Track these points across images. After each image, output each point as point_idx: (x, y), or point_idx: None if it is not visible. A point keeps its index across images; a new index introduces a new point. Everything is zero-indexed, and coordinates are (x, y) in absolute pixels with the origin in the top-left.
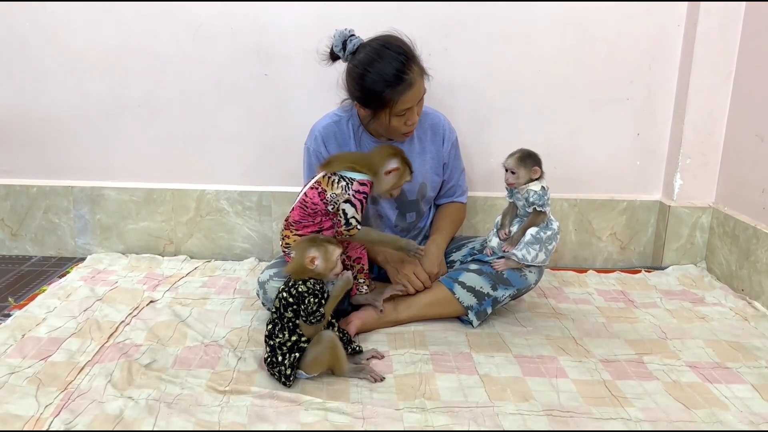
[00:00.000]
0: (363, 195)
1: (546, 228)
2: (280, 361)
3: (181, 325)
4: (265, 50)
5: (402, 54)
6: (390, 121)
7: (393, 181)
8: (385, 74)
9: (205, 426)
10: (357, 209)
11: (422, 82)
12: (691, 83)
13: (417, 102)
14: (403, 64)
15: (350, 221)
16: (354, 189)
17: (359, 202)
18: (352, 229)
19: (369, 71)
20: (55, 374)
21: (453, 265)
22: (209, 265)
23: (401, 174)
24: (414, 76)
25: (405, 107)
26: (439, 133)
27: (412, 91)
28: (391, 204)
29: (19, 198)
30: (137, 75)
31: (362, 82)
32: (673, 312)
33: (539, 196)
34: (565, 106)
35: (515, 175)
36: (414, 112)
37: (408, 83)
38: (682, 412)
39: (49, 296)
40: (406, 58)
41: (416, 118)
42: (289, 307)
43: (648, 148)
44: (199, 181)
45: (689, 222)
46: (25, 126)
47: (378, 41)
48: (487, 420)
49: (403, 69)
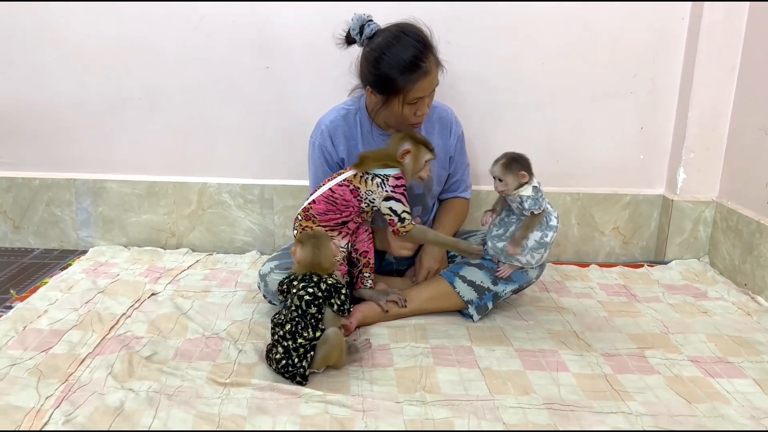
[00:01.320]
0: (402, 188)
1: (547, 228)
2: (296, 363)
3: (183, 318)
4: (267, 43)
5: (420, 41)
6: (402, 110)
7: (412, 163)
8: (402, 59)
9: (205, 417)
10: (404, 203)
11: (437, 73)
12: (695, 77)
13: (429, 92)
14: (421, 52)
15: (403, 217)
16: (391, 185)
17: (402, 195)
18: (408, 224)
19: (385, 55)
20: (56, 366)
21: (454, 259)
22: (211, 258)
23: (416, 154)
24: (430, 65)
25: (418, 95)
26: (447, 126)
27: (426, 79)
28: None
29: (22, 190)
30: (139, 68)
31: (378, 66)
32: (675, 306)
33: (533, 201)
34: (568, 99)
35: (503, 183)
36: (425, 102)
37: (423, 71)
38: (683, 406)
39: (50, 288)
40: (424, 46)
41: (426, 109)
42: (314, 302)
43: (651, 142)
44: (201, 174)
45: (692, 216)
46: (28, 119)
47: (396, 27)
48: (487, 413)
49: (420, 56)
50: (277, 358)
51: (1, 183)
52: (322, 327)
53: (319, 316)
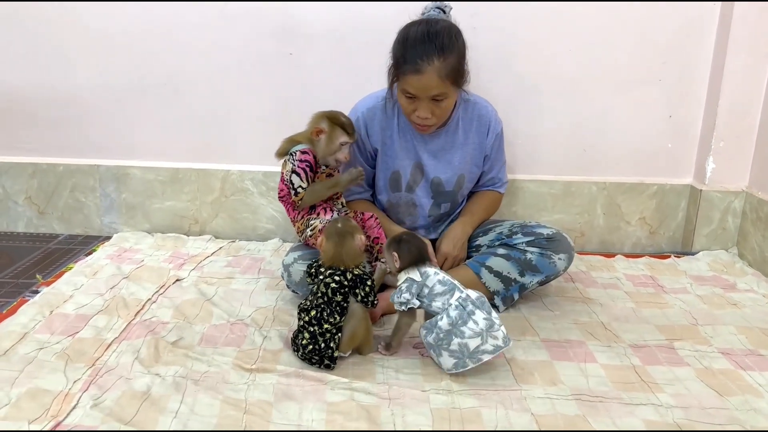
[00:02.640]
0: (305, 163)
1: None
2: (323, 347)
3: (207, 304)
4: (290, 29)
5: (434, 41)
6: (399, 97)
7: (325, 143)
8: (406, 43)
9: (232, 403)
10: (301, 177)
11: (438, 81)
12: (726, 64)
13: (424, 95)
14: (425, 49)
15: (297, 190)
16: (297, 159)
17: (302, 170)
18: (299, 195)
19: (401, 35)
20: (82, 350)
21: (479, 249)
22: (234, 245)
23: (331, 134)
24: (425, 67)
25: (407, 90)
26: (485, 124)
27: (416, 78)
28: (427, 193)
29: (46, 176)
30: (162, 53)
31: (395, 40)
32: (703, 298)
33: (397, 293)
34: (595, 86)
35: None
36: (424, 106)
37: (415, 68)
38: (714, 398)
39: (76, 274)
40: (434, 48)
41: (427, 114)
42: (340, 291)
43: (680, 131)
44: (224, 161)
45: (721, 206)
46: (52, 105)
47: (433, 19)
48: (514, 403)
49: (421, 52)
50: (303, 344)
51: (26, 169)
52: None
53: (345, 304)
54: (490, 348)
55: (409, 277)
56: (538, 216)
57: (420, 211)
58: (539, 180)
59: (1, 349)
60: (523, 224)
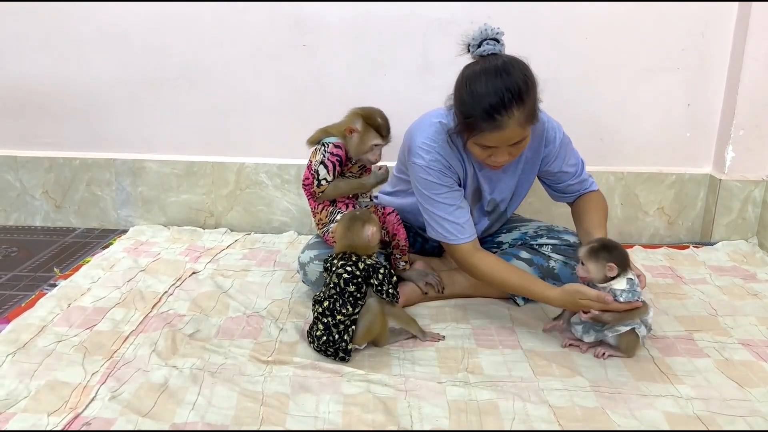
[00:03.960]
0: (336, 157)
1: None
2: (337, 339)
3: (224, 296)
4: (303, 20)
5: (511, 91)
6: (471, 147)
7: (356, 142)
8: (478, 101)
9: (249, 395)
10: (329, 170)
11: (519, 129)
12: (746, 51)
13: (506, 145)
14: (503, 102)
15: (321, 182)
16: (328, 151)
17: (331, 163)
18: (321, 187)
19: (468, 86)
20: (100, 343)
21: (501, 246)
22: (249, 238)
23: (363, 134)
24: (508, 121)
25: (486, 143)
26: (539, 138)
27: (499, 133)
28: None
29: (63, 170)
30: (176, 47)
31: (458, 93)
32: (723, 288)
33: (631, 294)
34: (612, 75)
35: (584, 268)
36: (503, 152)
37: (496, 124)
38: (735, 390)
39: (93, 267)
40: (512, 97)
41: (506, 158)
42: (352, 281)
43: (699, 120)
44: (239, 154)
45: (741, 196)
46: (67, 98)
47: (501, 60)
48: (532, 395)
49: (499, 107)
50: (317, 335)
51: (43, 163)
52: (361, 304)
53: (359, 294)
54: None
55: (629, 278)
56: (555, 208)
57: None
58: None
59: (20, 341)
60: (549, 227)
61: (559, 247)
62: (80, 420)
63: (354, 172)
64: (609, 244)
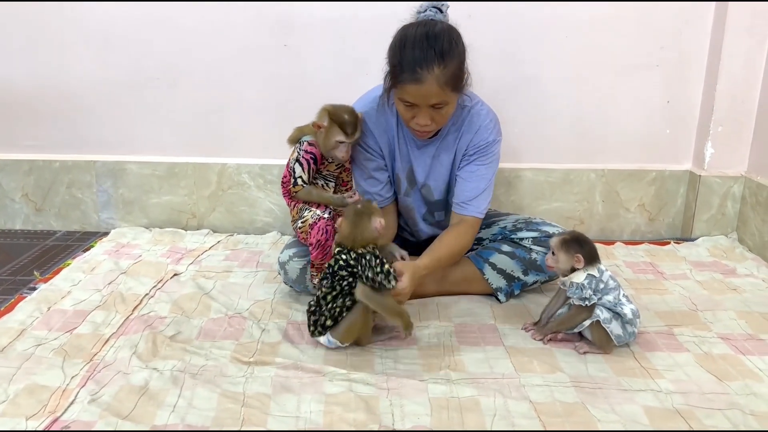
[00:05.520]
0: (310, 155)
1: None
2: (321, 310)
3: (205, 298)
4: (286, 20)
5: (434, 48)
6: (397, 104)
7: (322, 138)
8: (404, 51)
9: (230, 396)
10: (303, 168)
11: (438, 89)
12: (724, 48)
13: (423, 103)
14: (425, 57)
15: (297, 180)
16: (303, 149)
17: (306, 161)
18: (297, 187)
19: (398, 41)
20: (80, 346)
21: (481, 242)
22: (232, 239)
23: (328, 130)
24: (428, 76)
25: (405, 98)
26: (473, 130)
27: (416, 87)
28: (419, 201)
29: (43, 173)
30: (157, 48)
31: (389, 48)
32: (703, 283)
33: (578, 290)
34: (593, 72)
35: (554, 258)
36: (424, 113)
37: (415, 77)
38: (714, 383)
39: (73, 270)
40: (434, 54)
41: (427, 121)
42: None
43: (678, 116)
44: (221, 154)
45: (720, 192)
46: (47, 100)
47: (432, 22)
48: (513, 391)
49: (420, 60)
50: (309, 304)
51: (22, 166)
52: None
53: (349, 280)
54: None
55: (590, 273)
56: (537, 204)
57: (417, 216)
58: (537, 168)
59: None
60: (527, 220)
61: (540, 239)
62: (59, 423)
63: (332, 170)
64: (581, 237)
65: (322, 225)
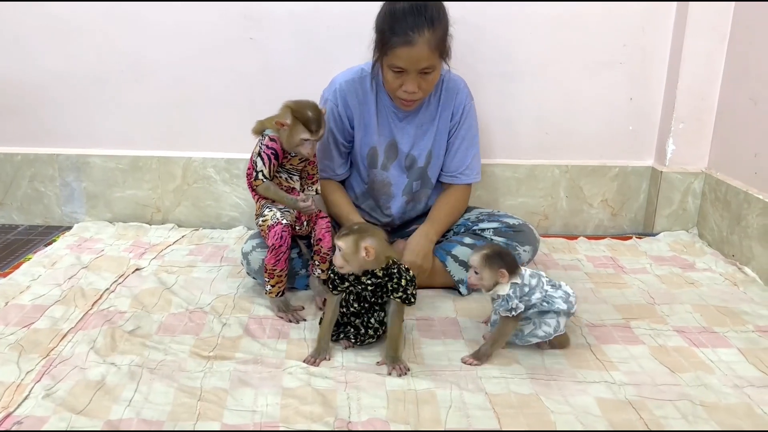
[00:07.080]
0: (271, 150)
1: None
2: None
3: (167, 293)
4: (251, 14)
5: (423, 13)
6: (385, 73)
7: (286, 137)
8: (395, 15)
9: (186, 391)
10: (264, 162)
11: (428, 52)
12: (685, 46)
13: (414, 68)
14: (415, 21)
15: (258, 174)
16: (264, 143)
17: (267, 156)
18: (258, 181)
19: (387, 8)
20: (37, 341)
21: (446, 235)
22: (197, 234)
23: (292, 128)
24: (417, 38)
25: (396, 63)
26: (452, 96)
27: (407, 50)
28: (401, 170)
29: (4, 166)
30: (122, 40)
31: (378, 16)
32: (662, 277)
33: (504, 301)
34: (558, 69)
35: (478, 276)
36: (412, 79)
37: (407, 39)
38: (667, 375)
39: (34, 264)
40: (424, 20)
41: (414, 88)
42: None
43: (641, 113)
44: (186, 148)
45: (681, 188)
46: (9, 92)
47: None
48: (470, 383)
49: (412, 24)
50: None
51: None
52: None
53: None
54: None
55: (513, 282)
56: (503, 200)
57: (395, 190)
58: (503, 164)
59: None
60: (490, 212)
61: (500, 229)
62: (11, 419)
63: (295, 164)
64: (501, 250)
65: (278, 230)
